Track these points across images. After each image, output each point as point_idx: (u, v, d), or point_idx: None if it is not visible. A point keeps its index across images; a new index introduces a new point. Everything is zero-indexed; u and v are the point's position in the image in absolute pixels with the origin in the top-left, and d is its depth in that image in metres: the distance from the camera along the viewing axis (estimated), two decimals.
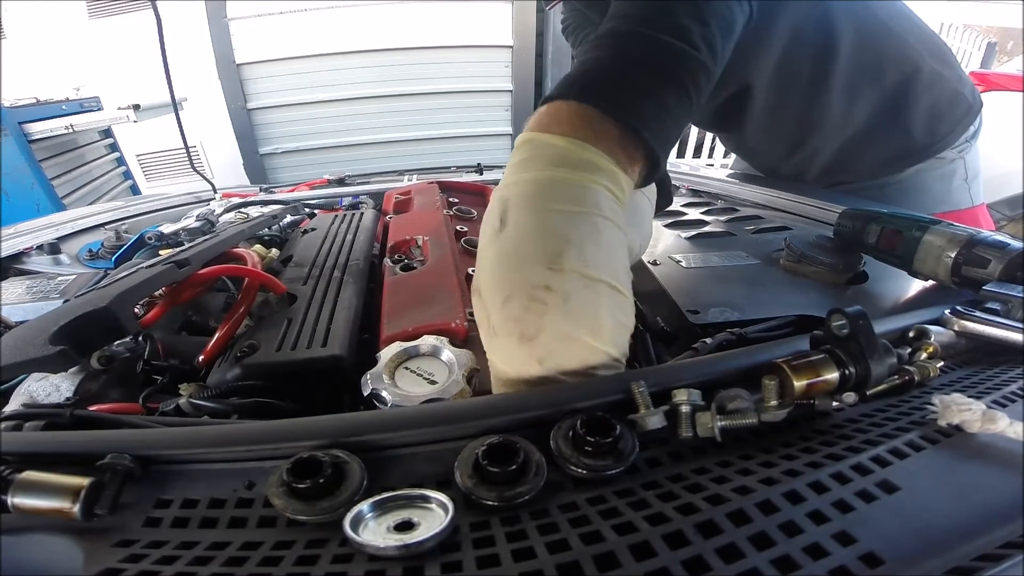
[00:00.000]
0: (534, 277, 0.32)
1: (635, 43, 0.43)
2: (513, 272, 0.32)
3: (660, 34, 0.43)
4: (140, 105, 2.38)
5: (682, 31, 0.44)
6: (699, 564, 0.20)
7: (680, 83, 0.43)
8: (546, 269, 0.32)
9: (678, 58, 0.43)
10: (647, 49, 0.43)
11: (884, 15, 0.81)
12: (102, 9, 3.15)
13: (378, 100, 3.50)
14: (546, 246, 0.33)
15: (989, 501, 0.23)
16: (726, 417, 0.28)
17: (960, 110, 0.85)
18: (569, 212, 0.34)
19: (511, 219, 0.34)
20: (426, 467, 0.28)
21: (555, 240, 0.33)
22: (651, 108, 0.40)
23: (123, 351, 0.47)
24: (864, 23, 0.79)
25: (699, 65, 0.44)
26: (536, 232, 0.33)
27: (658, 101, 0.41)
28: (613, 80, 0.41)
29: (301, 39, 3.28)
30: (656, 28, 0.44)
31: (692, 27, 0.44)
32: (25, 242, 0.84)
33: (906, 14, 0.84)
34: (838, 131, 0.86)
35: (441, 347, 0.43)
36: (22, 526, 0.26)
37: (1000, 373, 0.35)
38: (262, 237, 0.82)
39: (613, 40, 0.45)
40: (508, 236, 0.34)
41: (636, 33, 0.44)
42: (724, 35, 0.48)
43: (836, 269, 0.55)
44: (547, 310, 0.31)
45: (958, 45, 3.74)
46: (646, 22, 0.45)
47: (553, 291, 0.31)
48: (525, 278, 0.32)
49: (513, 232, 0.34)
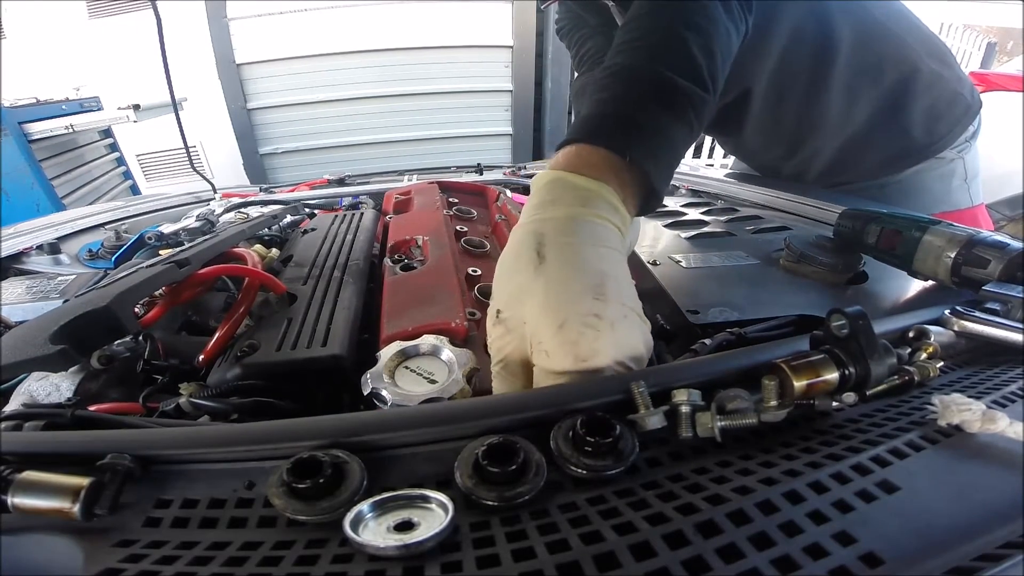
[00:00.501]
0: (585, 306, 0.34)
1: (646, 82, 0.46)
2: (565, 302, 0.35)
3: (670, 72, 0.45)
4: (140, 105, 2.38)
5: (692, 68, 0.46)
6: (699, 564, 0.20)
7: (687, 121, 0.45)
8: (594, 299, 0.34)
9: (688, 99, 0.45)
10: (658, 89, 0.45)
11: (882, 15, 0.81)
12: (102, 9, 3.16)
13: (378, 100, 3.50)
14: (590, 279, 0.35)
15: (989, 501, 0.23)
16: (726, 417, 0.28)
17: (959, 110, 0.85)
18: (600, 248, 0.37)
19: (550, 254, 0.37)
20: (426, 467, 0.28)
21: (595, 274, 0.36)
22: (663, 151, 0.44)
23: (123, 351, 0.47)
24: (862, 24, 0.79)
25: (704, 103, 0.46)
26: (579, 266, 0.36)
27: (668, 141, 0.44)
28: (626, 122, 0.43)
29: (301, 39, 3.28)
30: (666, 65, 0.46)
31: (701, 62, 0.46)
32: (25, 242, 0.84)
33: (904, 14, 0.84)
34: (837, 132, 0.86)
35: (441, 347, 0.43)
36: (22, 526, 0.26)
37: (1000, 373, 0.35)
38: (262, 237, 0.82)
39: (625, 77, 0.47)
40: (552, 268, 0.36)
41: (647, 71, 0.46)
42: (725, 63, 0.50)
43: (836, 269, 0.55)
44: (600, 336, 0.34)
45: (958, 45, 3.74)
46: (656, 58, 0.47)
47: (602, 319, 0.34)
48: (577, 307, 0.34)
49: (556, 265, 0.36)
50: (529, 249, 0.38)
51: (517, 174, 1.26)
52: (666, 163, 0.44)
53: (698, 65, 0.46)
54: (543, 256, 0.37)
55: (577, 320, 0.34)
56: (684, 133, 0.45)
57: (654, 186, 0.42)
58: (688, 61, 0.46)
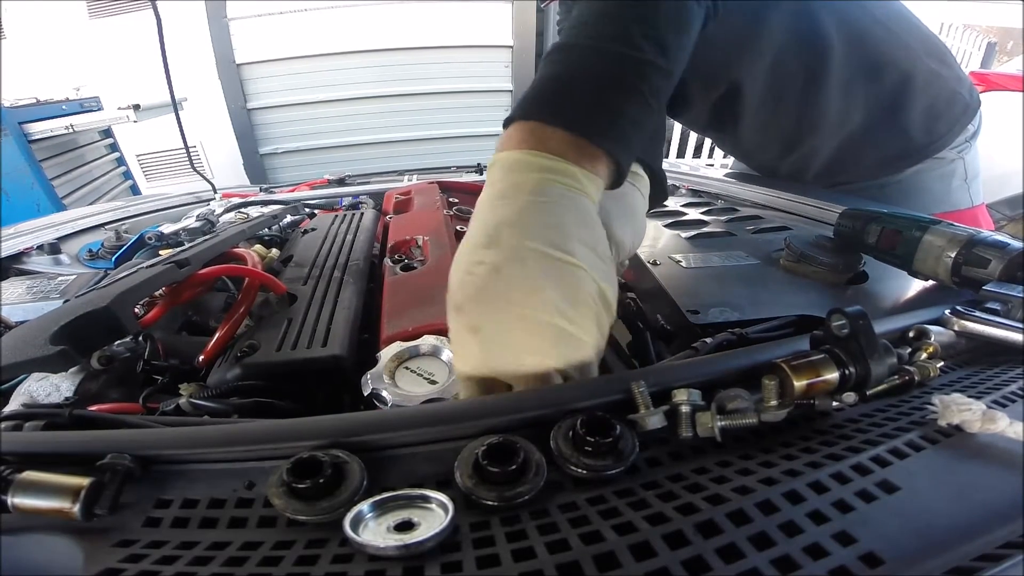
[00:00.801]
0: (472, 256, 0.34)
1: (583, 56, 0.46)
2: (457, 262, 0.35)
3: (605, 43, 0.45)
4: (140, 105, 2.38)
5: (626, 37, 0.45)
6: (699, 564, 0.20)
7: (631, 87, 0.44)
8: (483, 248, 0.34)
9: (624, 63, 0.45)
10: (595, 60, 0.45)
11: (880, 14, 0.81)
12: (102, 9, 3.16)
13: (378, 100, 3.50)
14: (485, 230, 0.35)
15: (989, 501, 0.23)
16: (726, 417, 0.28)
17: (958, 109, 0.85)
18: (512, 200, 0.36)
19: (470, 225, 0.37)
20: (426, 467, 0.28)
21: (493, 225, 0.35)
22: (603, 115, 0.42)
23: (123, 351, 0.47)
24: (859, 23, 0.79)
25: (646, 65, 0.45)
26: (479, 222, 0.36)
27: (610, 107, 0.43)
28: (564, 95, 0.43)
29: (301, 39, 3.28)
30: (601, 38, 0.46)
31: (634, 30, 0.46)
32: (25, 242, 0.84)
33: (902, 13, 0.84)
34: (835, 131, 0.86)
35: (441, 347, 0.43)
36: (22, 526, 0.26)
37: (1000, 373, 0.35)
38: (262, 237, 0.82)
39: (562, 54, 0.47)
40: (465, 238, 0.37)
41: (584, 46, 0.46)
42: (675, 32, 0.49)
43: (836, 269, 0.55)
44: (473, 282, 0.33)
45: (958, 45, 3.74)
46: (592, 34, 0.46)
47: (485, 263, 0.33)
48: (467, 257, 0.34)
49: (469, 233, 0.37)
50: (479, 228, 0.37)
51: None
52: (613, 126, 0.42)
53: (630, 33, 0.45)
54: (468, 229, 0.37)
55: (463, 268, 0.34)
56: (630, 97, 0.44)
57: (605, 147, 0.41)
58: (620, 31, 0.45)
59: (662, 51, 0.46)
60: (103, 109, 2.64)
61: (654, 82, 0.45)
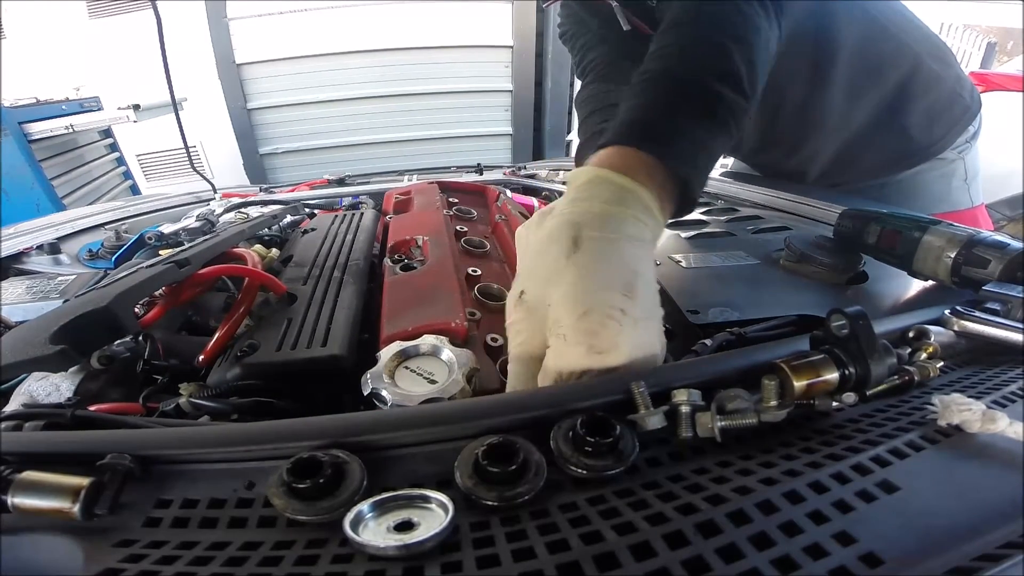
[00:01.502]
0: (613, 299, 0.34)
1: (687, 88, 0.46)
2: (594, 291, 0.35)
3: (714, 83, 0.46)
4: (140, 105, 2.39)
5: (735, 78, 0.46)
6: (699, 564, 0.20)
7: (727, 129, 0.46)
8: (622, 295, 0.34)
9: (729, 106, 0.46)
10: (699, 95, 0.46)
11: (883, 15, 0.81)
12: (102, 9, 3.16)
13: (378, 100, 3.50)
14: (622, 275, 0.36)
15: (989, 501, 0.23)
16: (726, 417, 0.28)
17: (958, 110, 0.85)
18: (635, 247, 0.38)
19: (586, 244, 0.37)
20: (426, 467, 0.28)
21: (628, 271, 0.36)
22: (701, 157, 0.44)
23: (123, 351, 0.47)
24: (863, 24, 0.79)
25: (744, 112, 0.47)
26: (613, 260, 0.36)
27: (706, 148, 0.44)
28: (665, 127, 0.44)
29: (301, 39, 3.28)
30: (707, 72, 0.46)
31: (743, 73, 0.47)
32: (25, 242, 0.84)
33: (905, 14, 0.84)
34: (837, 132, 0.86)
35: (441, 347, 0.43)
36: (22, 526, 0.26)
37: (1000, 373, 0.35)
38: (262, 237, 0.82)
39: (664, 82, 0.47)
40: (585, 258, 0.37)
41: (690, 81, 0.47)
42: (764, 71, 0.50)
43: (836, 269, 0.55)
44: (622, 331, 0.34)
45: (958, 45, 3.74)
46: (701, 67, 0.47)
47: (627, 315, 0.34)
48: (605, 298, 0.34)
49: (591, 256, 0.36)
50: (565, 236, 0.37)
51: (517, 174, 1.26)
52: (703, 168, 0.45)
53: (739, 74, 0.47)
54: (578, 245, 0.37)
55: (602, 310, 0.34)
56: (723, 140, 0.46)
57: (690, 192, 0.43)
58: (730, 70, 0.47)
59: (753, 92, 0.48)
60: (103, 109, 2.64)
61: (741, 122, 0.47)
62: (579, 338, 0.34)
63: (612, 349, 0.33)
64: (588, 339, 0.33)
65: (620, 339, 0.33)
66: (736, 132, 0.47)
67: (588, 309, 0.34)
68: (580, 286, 0.35)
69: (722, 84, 0.46)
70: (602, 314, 0.34)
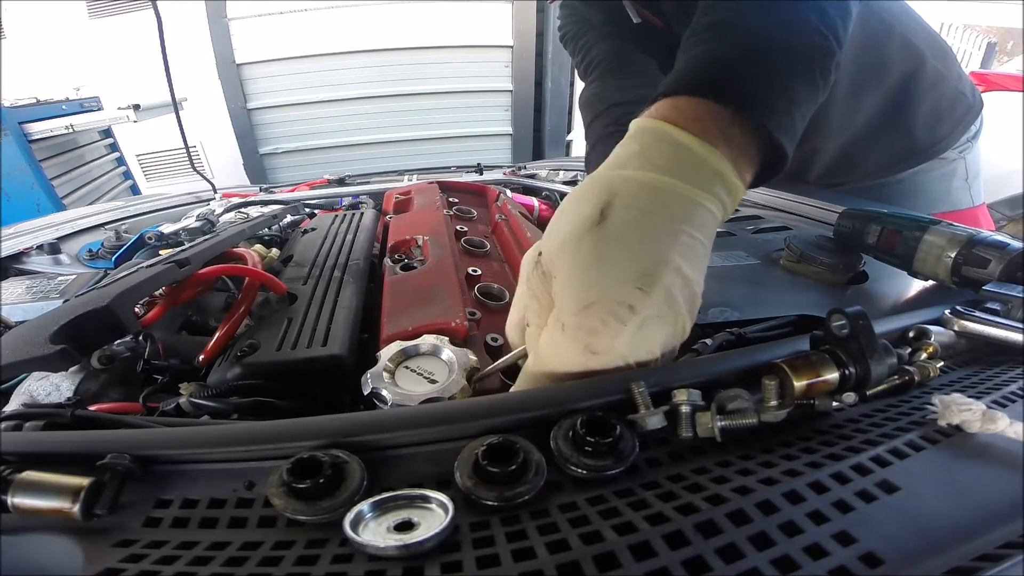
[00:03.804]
0: (622, 295, 0.31)
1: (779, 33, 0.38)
2: (603, 280, 0.31)
3: (807, 32, 0.38)
4: (140, 105, 2.39)
5: (828, 23, 0.39)
6: (699, 564, 0.20)
7: (814, 83, 0.38)
8: (635, 288, 0.31)
9: (813, 52, 0.38)
10: (793, 44, 0.38)
11: (888, 14, 0.80)
12: (102, 9, 3.16)
13: (378, 100, 3.50)
14: (643, 263, 0.31)
15: (989, 501, 0.23)
16: (726, 417, 0.28)
17: (961, 110, 0.85)
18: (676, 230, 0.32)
19: (614, 216, 0.32)
20: (426, 467, 0.28)
21: (653, 259, 0.31)
22: (784, 104, 0.36)
23: (123, 351, 0.47)
24: (868, 23, 0.79)
25: (833, 56, 0.39)
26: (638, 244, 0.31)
27: (801, 105, 0.37)
28: (749, 73, 0.36)
29: (301, 39, 3.29)
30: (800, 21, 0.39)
31: (835, 17, 0.40)
32: (25, 242, 0.84)
33: (909, 13, 0.84)
34: (839, 131, 0.86)
35: (441, 346, 0.43)
36: (22, 526, 0.26)
37: (1000, 373, 0.35)
38: (262, 237, 0.82)
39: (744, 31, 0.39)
40: (607, 235, 0.32)
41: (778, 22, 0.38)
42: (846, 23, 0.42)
43: (836, 269, 0.55)
44: (621, 333, 0.31)
45: (958, 45, 3.74)
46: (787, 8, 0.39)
47: (636, 313, 0.31)
48: (614, 293, 0.31)
49: (614, 233, 0.32)
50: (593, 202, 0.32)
51: (517, 174, 1.26)
52: (789, 119, 0.36)
53: (833, 21, 0.39)
54: (605, 216, 0.32)
55: (606, 306, 0.30)
56: (809, 89, 0.38)
57: (777, 143, 0.35)
58: (811, 15, 0.39)
59: (838, 42, 0.40)
60: (103, 109, 2.64)
61: (829, 72, 0.39)
62: (576, 335, 0.31)
63: (607, 352, 0.31)
64: (586, 337, 0.31)
65: (617, 342, 0.31)
66: (823, 83, 0.39)
67: (592, 302, 0.31)
68: (591, 271, 0.31)
69: (801, 28, 0.38)
70: (606, 310, 0.30)
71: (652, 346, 0.32)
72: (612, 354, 0.31)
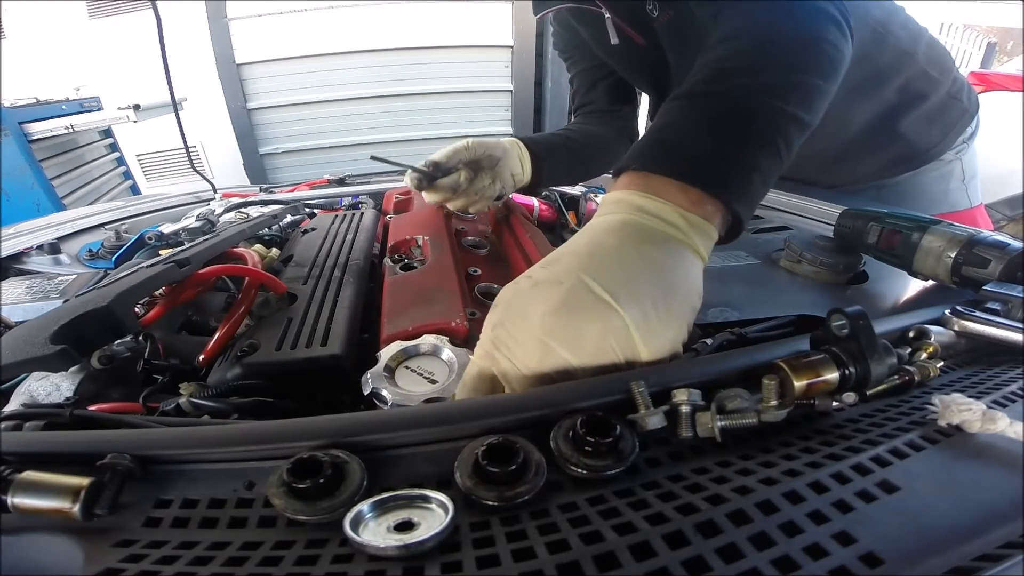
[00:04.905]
0: (530, 269, 0.36)
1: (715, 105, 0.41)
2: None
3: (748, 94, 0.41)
4: (140, 105, 2.38)
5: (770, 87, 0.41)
6: (699, 564, 0.20)
7: (777, 150, 0.40)
8: (539, 267, 0.35)
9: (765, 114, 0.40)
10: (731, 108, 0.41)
11: (881, 28, 0.80)
12: (102, 9, 3.16)
13: (378, 100, 3.50)
14: (553, 253, 0.36)
15: (989, 501, 0.23)
16: (726, 417, 0.28)
17: (955, 114, 0.85)
18: (588, 232, 0.37)
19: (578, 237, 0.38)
20: (426, 467, 0.28)
21: (559, 250, 0.37)
22: (755, 184, 0.39)
23: (123, 351, 0.47)
24: (863, 28, 0.79)
25: (790, 120, 0.41)
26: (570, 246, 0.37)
27: (736, 158, 0.39)
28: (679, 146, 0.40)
29: (301, 39, 3.28)
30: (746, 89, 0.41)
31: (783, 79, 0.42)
32: (25, 242, 0.84)
33: (906, 21, 0.84)
34: (835, 137, 0.86)
35: (441, 346, 0.43)
36: (22, 526, 0.26)
37: (1000, 373, 0.35)
38: (262, 237, 0.82)
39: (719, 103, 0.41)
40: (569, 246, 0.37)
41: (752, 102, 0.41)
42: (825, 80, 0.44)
43: (836, 269, 0.55)
44: (513, 287, 0.36)
45: (958, 45, 3.74)
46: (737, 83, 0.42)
47: (531, 277, 0.35)
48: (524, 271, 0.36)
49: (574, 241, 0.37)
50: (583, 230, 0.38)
51: None
52: (757, 194, 0.40)
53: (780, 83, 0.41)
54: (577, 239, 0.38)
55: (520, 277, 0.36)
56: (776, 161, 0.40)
57: (735, 213, 0.38)
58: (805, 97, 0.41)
59: (808, 106, 0.42)
60: (103, 109, 2.64)
61: (792, 137, 0.41)
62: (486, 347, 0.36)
63: (498, 301, 0.36)
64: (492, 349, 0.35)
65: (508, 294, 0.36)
66: (779, 138, 0.40)
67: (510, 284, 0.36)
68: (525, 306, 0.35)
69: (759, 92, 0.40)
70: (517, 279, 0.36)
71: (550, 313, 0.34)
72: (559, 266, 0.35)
